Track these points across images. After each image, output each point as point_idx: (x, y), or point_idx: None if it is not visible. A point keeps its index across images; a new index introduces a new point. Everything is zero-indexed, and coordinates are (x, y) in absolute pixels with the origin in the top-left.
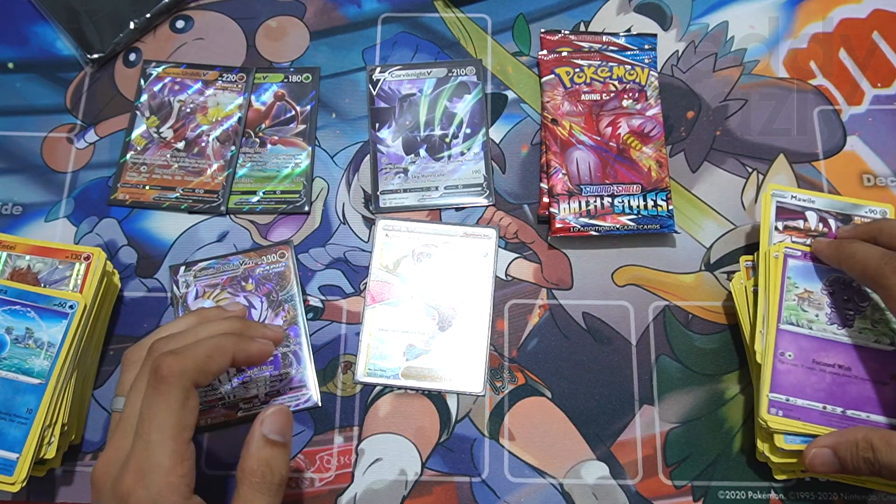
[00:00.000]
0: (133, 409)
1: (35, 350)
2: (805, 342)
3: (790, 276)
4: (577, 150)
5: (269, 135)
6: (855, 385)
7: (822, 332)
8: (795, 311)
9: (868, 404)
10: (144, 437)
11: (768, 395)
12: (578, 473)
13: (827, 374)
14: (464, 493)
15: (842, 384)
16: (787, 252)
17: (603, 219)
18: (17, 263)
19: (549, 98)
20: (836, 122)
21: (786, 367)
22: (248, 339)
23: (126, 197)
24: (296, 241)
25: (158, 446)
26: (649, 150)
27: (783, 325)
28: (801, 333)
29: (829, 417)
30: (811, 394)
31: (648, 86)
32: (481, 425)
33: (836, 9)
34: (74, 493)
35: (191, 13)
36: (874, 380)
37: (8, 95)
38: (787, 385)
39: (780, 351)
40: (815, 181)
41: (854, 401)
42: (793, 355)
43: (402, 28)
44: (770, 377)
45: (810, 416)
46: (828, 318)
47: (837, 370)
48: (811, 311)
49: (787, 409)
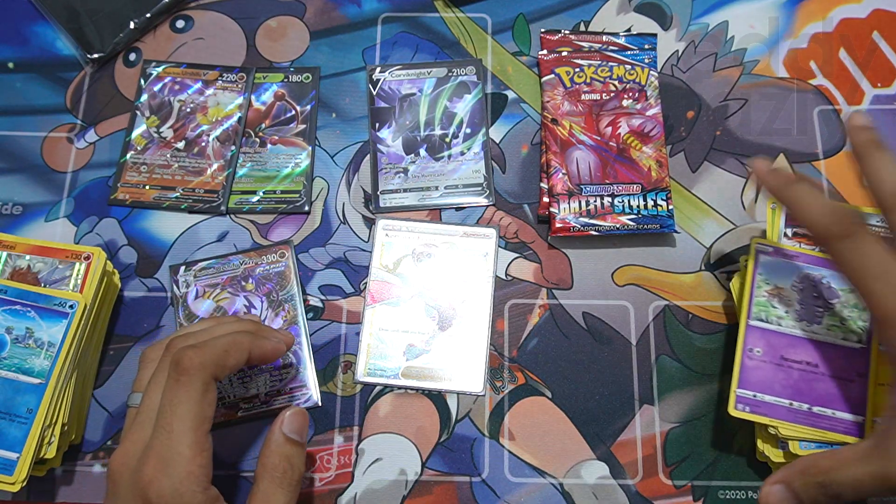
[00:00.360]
0: (152, 403)
1: (35, 350)
2: (774, 338)
3: (761, 273)
4: (577, 150)
5: (269, 135)
6: (822, 382)
7: (790, 328)
8: (765, 307)
9: (834, 401)
10: (166, 428)
11: (736, 391)
12: (578, 473)
13: (794, 370)
14: (464, 493)
15: (809, 381)
16: (757, 248)
17: (603, 218)
18: (18, 263)
19: (549, 98)
20: (836, 122)
21: (754, 364)
22: (263, 337)
23: (126, 197)
24: (296, 240)
25: (180, 436)
26: (649, 149)
27: (752, 321)
28: (770, 329)
29: (796, 414)
30: (779, 390)
31: (648, 86)
32: (481, 425)
33: (835, 8)
34: (74, 493)
35: (191, 13)
36: (841, 377)
37: (8, 95)
38: (755, 381)
39: (748, 347)
40: (815, 181)
41: (821, 398)
42: (761, 351)
43: (402, 28)
44: (738, 373)
45: (777, 412)
46: (797, 315)
47: (805, 367)
48: (780, 307)
49: (754, 405)
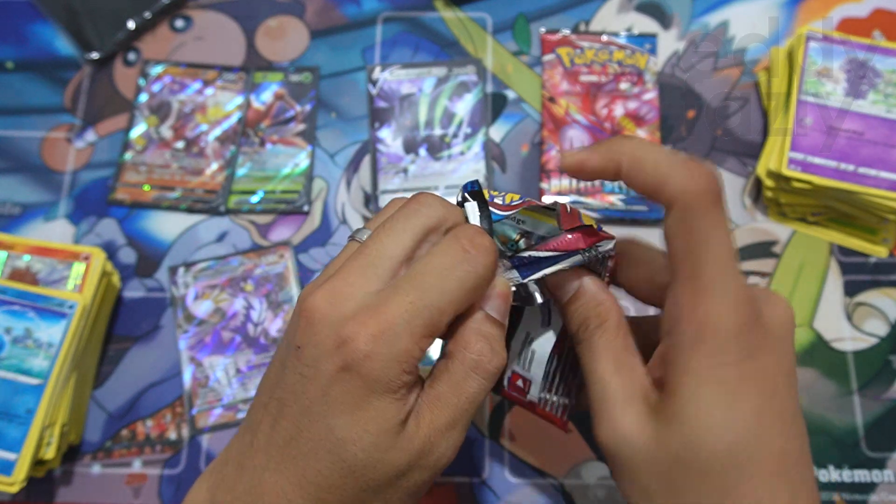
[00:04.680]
0: (385, 250)
1: (34, 350)
2: (823, 111)
3: (811, 55)
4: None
5: (269, 134)
6: (866, 147)
7: (838, 102)
8: (815, 84)
9: (878, 163)
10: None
11: (788, 154)
12: (579, 474)
13: (842, 137)
14: (464, 494)
15: (855, 147)
16: (808, 34)
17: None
18: (17, 263)
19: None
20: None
21: (804, 132)
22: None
23: (125, 196)
24: (295, 241)
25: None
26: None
27: (803, 95)
28: (819, 104)
29: (843, 174)
30: (827, 153)
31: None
32: (481, 426)
33: (836, 8)
34: (74, 494)
35: (190, 12)
36: (885, 143)
37: (7, 95)
38: (806, 146)
39: (800, 117)
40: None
41: (865, 160)
42: (811, 121)
43: (402, 27)
44: (790, 140)
45: (826, 172)
46: (844, 91)
47: (851, 135)
48: (829, 84)
49: (804, 165)
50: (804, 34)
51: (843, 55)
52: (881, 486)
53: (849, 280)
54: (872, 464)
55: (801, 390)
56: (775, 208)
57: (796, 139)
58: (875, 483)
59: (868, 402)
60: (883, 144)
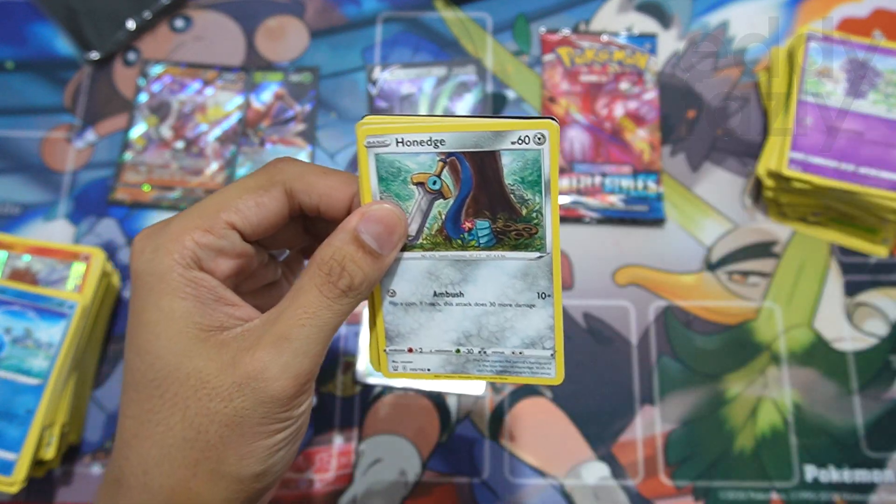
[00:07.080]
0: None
1: (34, 350)
2: (823, 111)
3: (811, 55)
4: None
5: (269, 134)
6: (867, 147)
7: (838, 102)
8: (815, 84)
9: (878, 163)
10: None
11: (788, 154)
12: (579, 474)
13: (842, 137)
14: (464, 494)
15: (855, 147)
16: (808, 35)
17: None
18: (16, 263)
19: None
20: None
21: (805, 132)
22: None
23: (125, 197)
24: None
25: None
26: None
27: (803, 95)
28: (819, 104)
29: (843, 174)
30: (827, 153)
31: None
32: (482, 426)
33: (836, 8)
34: (73, 494)
35: (190, 13)
36: (885, 143)
37: (7, 95)
38: (806, 146)
39: (800, 117)
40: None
41: (865, 160)
42: (812, 121)
43: (402, 27)
44: (791, 140)
45: (826, 172)
46: (844, 91)
47: (852, 135)
48: (829, 84)
49: (805, 165)
50: (804, 34)
51: (844, 55)
52: (881, 487)
53: (849, 280)
54: (872, 464)
55: (801, 390)
56: (775, 208)
57: (796, 139)
58: (875, 483)
59: (868, 402)
60: (883, 144)
